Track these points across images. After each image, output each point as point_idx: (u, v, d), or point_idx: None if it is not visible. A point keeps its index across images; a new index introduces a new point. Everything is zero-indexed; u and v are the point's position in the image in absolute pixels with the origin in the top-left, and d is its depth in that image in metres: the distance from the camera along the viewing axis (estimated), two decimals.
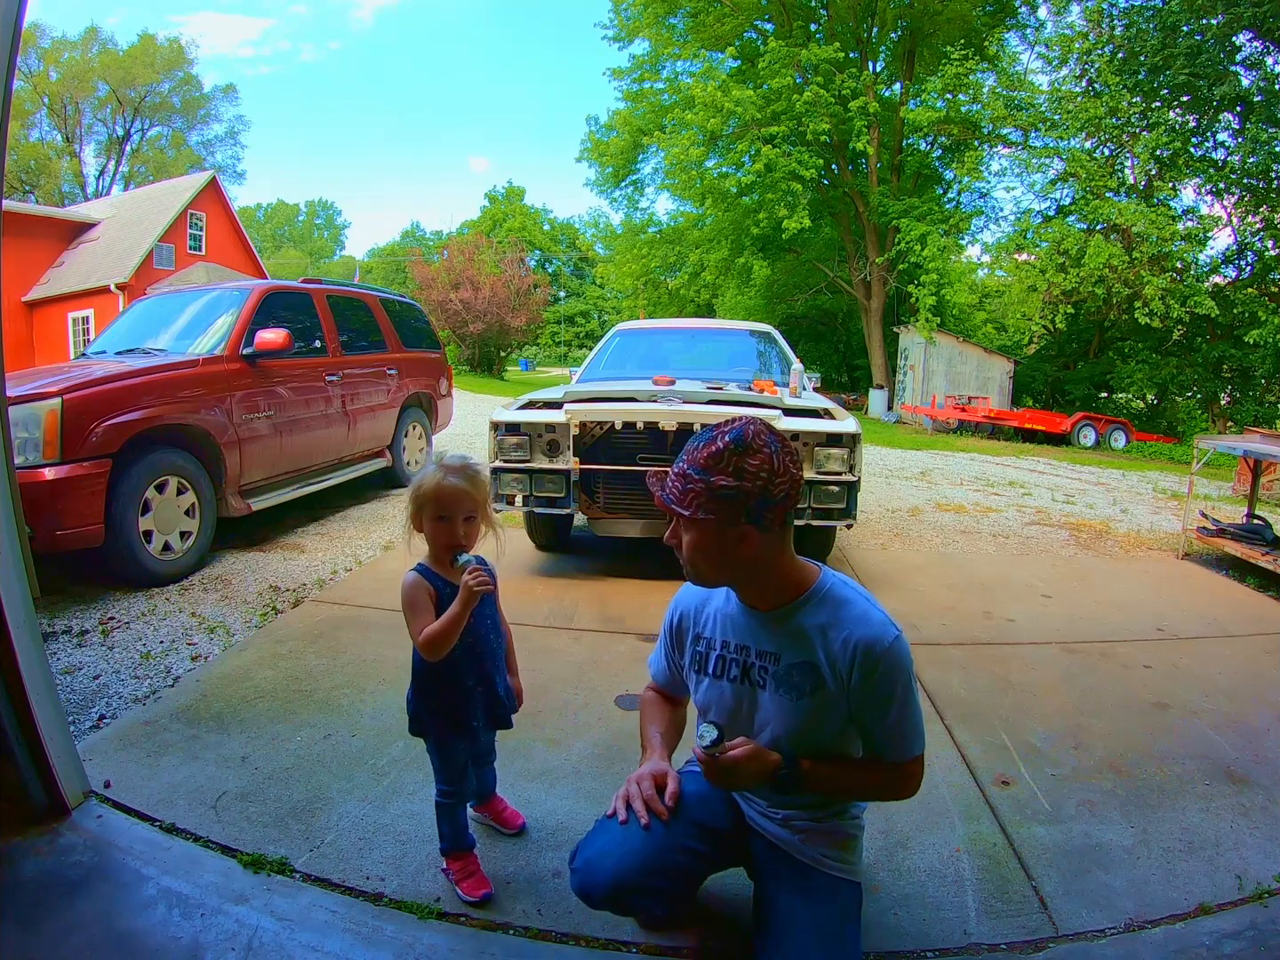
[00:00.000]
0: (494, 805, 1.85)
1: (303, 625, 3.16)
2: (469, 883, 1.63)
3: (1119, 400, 17.33)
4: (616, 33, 20.44)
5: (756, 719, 1.35)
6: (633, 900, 1.34)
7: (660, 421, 3.51)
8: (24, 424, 3.09)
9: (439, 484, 1.52)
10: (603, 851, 1.31)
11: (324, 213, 66.64)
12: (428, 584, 1.54)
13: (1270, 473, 5.99)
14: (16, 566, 1.68)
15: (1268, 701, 2.72)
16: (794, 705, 1.29)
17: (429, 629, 1.49)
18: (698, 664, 1.43)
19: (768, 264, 18.62)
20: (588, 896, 1.33)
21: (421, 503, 1.54)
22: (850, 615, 1.27)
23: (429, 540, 1.57)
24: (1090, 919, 1.62)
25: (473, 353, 27.38)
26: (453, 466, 1.55)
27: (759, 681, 1.34)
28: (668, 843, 1.31)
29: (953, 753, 2.29)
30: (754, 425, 1.23)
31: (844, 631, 1.25)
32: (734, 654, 1.36)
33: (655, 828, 1.30)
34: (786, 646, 1.30)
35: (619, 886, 1.29)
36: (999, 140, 16.41)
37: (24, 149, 28.85)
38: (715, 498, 1.19)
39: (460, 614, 1.49)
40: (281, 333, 4.29)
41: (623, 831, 1.31)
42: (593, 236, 43.34)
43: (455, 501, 1.53)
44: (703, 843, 1.36)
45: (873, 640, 1.24)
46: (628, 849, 1.29)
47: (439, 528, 1.54)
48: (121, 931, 1.49)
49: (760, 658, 1.33)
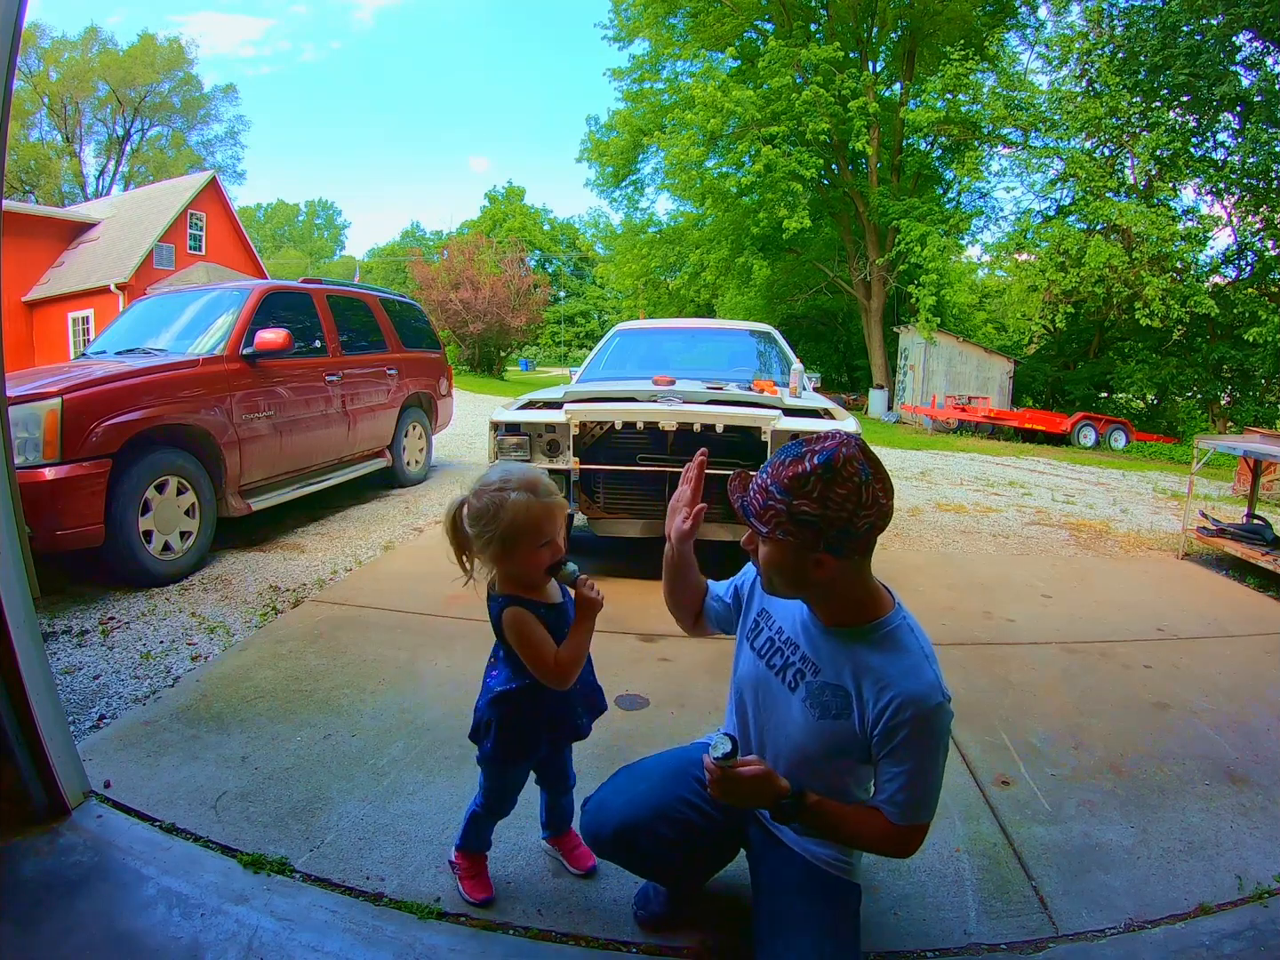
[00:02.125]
0: (568, 840, 1.72)
1: (303, 625, 3.16)
2: (472, 883, 1.62)
3: (1119, 400, 17.33)
4: (616, 33, 20.47)
5: (783, 711, 1.35)
6: (640, 842, 1.38)
7: (660, 421, 3.51)
8: (24, 424, 3.09)
9: (534, 508, 1.36)
10: (614, 789, 1.44)
11: (324, 213, 66.66)
12: (533, 614, 1.41)
13: (1270, 473, 5.99)
14: (16, 566, 1.68)
15: (1268, 701, 2.72)
16: (816, 723, 1.28)
17: (562, 655, 1.40)
18: (751, 633, 1.43)
19: (768, 264, 18.60)
20: (596, 835, 1.42)
21: (515, 534, 1.35)
22: (902, 666, 1.21)
23: (523, 568, 1.41)
24: (1090, 919, 1.62)
25: (473, 353, 27.37)
26: (530, 483, 1.39)
27: (792, 683, 1.32)
28: (675, 793, 1.41)
29: (953, 753, 2.28)
30: (846, 449, 1.14)
31: (889, 681, 1.20)
32: (782, 644, 1.36)
33: (665, 778, 1.43)
34: (830, 664, 1.27)
35: (626, 826, 1.37)
36: (999, 140, 16.43)
37: (24, 149, 28.85)
38: (795, 521, 1.14)
39: (590, 629, 1.42)
40: (281, 333, 4.29)
41: (633, 778, 1.45)
42: (593, 236, 43.38)
43: (554, 521, 1.40)
44: (709, 804, 1.38)
45: (916, 697, 1.18)
46: (636, 791, 1.42)
47: (540, 555, 1.38)
48: (121, 931, 1.49)
49: (803, 662, 1.31)
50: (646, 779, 1.46)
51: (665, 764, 1.50)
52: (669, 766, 1.49)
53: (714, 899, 1.62)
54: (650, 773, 1.48)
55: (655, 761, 1.54)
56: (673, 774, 1.45)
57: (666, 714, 2.48)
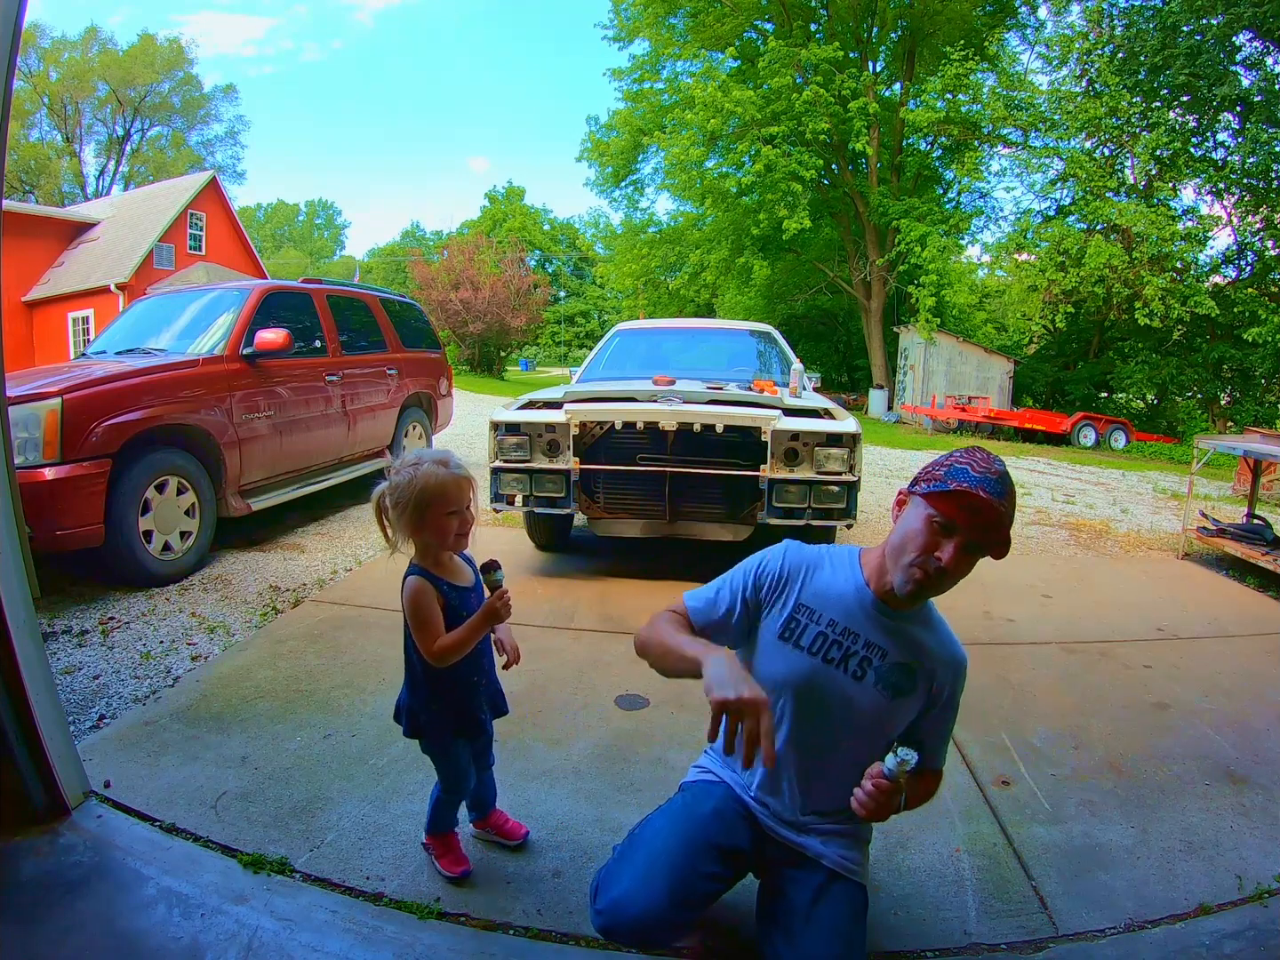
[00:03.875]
0: (495, 819, 1.82)
1: (303, 625, 3.16)
2: (448, 859, 1.69)
3: (1119, 400, 17.32)
4: (616, 33, 20.45)
5: (840, 707, 1.34)
6: (661, 936, 1.31)
7: (660, 421, 3.51)
8: (24, 424, 3.08)
9: (443, 478, 1.49)
10: (628, 892, 1.25)
11: (324, 213, 66.59)
12: (434, 589, 1.52)
13: (1270, 473, 6.00)
14: (16, 566, 1.68)
15: (1268, 701, 2.72)
16: (890, 704, 1.34)
17: (444, 642, 1.47)
18: (788, 632, 1.36)
19: (768, 264, 18.59)
20: (613, 936, 1.30)
21: (426, 501, 1.48)
22: (947, 635, 1.41)
23: (434, 537, 1.52)
24: (1090, 919, 1.62)
25: (473, 353, 27.39)
26: (442, 459, 1.53)
27: (858, 672, 1.34)
28: (691, 872, 1.27)
29: (953, 753, 2.28)
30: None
31: (945, 648, 1.39)
32: (839, 635, 1.35)
33: (677, 859, 1.28)
34: (897, 646, 1.35)
35: (646, 927, 1.25)
36: (999, 140, 16.42)
37: (24, 149, 28.84)
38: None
39: (481, 630, 1.50)
40: (281, 333, 4.29)
41: (646, 868, 1.27)
42: (593, 236, 43.31)
43: (462, 492, 1.52)
44: (725, 865, 1.33)
45: (962, 660, 1.40)
46: (652, 888, 1.24)
47: (448, 522, 1.50)
48: (121, 931, 1.49)
49: (868, 649, 1.34)
50: (658, 870, 1.27)
51: (675, 839, 1.33)
52: (679, 840, 1.33)
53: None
54: (661, 855, 1.30)
55: (663, 836, 1.34)
56: (683, 849, 1.31)
57: (666, 714, 2.48)
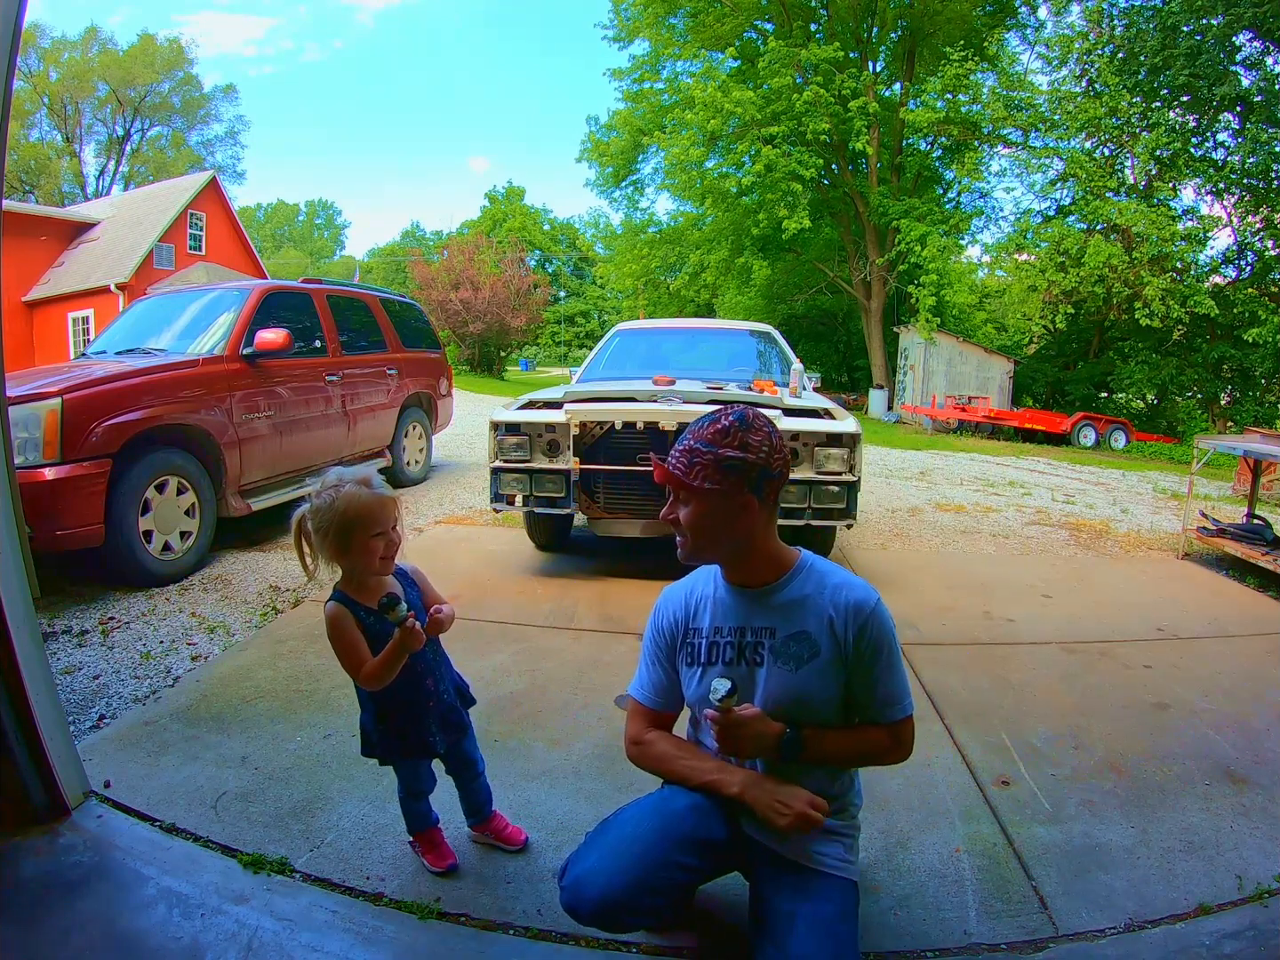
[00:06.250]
0: (494, 824, 1.79)
1: (303, 625, 3.16)
2: (432, 855, 1.70)
3: (1119, 400, 17.32)
4: (616, 33, 20.48)
5: (755, 699, 1.36)
6: (623, 919, 1.32)
7: (660, 421, 3.51)
8: (24, 424, 3.09)
9: (367, 499, 1.46)
10: (592, 869, 1.29)
11: (324, 213, 66.60)
12: (353, 616, 1.50)
13: (1270, 473, 5.99)
14: (16, 566, 1.68)
15: (1268, 701, 2.72)
16: (794, 675, 1.33)
17: (368, 669, 1.47)
18: (689, 657, 1.42)
19: (768, 264, 18.61)
20: (575, 913, 1.31)
21: (349, 524, 1.45)
22: (835, 582, 1.36)
23: (360, 561, 1.50)
24: (1090, 919, 1.61)
25: (473, 353, 27.39)
26: (364, 479, 1.50)
27: (755, 659, 1.36)
28: (660, 859, 1.29)
29: (953, 753, 2.29)
30: (751, 409, 1.34)
31: (834, 596, 1.34)
32: (727, 637, 1.38)
33: (649, 844, 1.30)
34: (780, 619, 1.35)
35: (607, 905, 1.27)
36: (999, 140, 16.42)
37: (24, 149, 28.84)
38: (721, 468, 1.26)
39: (398, 660, 1.47)
40: (281, 333, 4.29)
41: (614, 847, 1.31)
42: (593, 236, 43.34)
43: (387, 512, 1.49)
44: (698, 857, 1.35)
45: (860, 602, 1.33)
46: (618, 866, 1.27)
47: (374, 543, 1.48)
48: (121, 931, 1.49)
49: (755, 634, 1.36)
50: (627, 851, 1.30)
51: (647, 824, 1.35)
52: (651, 826, 1.34)
53: (712, 899, 1.62)
54: (631, 840, 1.32)
55: (635, 822, 1.37)
56: (656, 836, 1.32)
57: None
